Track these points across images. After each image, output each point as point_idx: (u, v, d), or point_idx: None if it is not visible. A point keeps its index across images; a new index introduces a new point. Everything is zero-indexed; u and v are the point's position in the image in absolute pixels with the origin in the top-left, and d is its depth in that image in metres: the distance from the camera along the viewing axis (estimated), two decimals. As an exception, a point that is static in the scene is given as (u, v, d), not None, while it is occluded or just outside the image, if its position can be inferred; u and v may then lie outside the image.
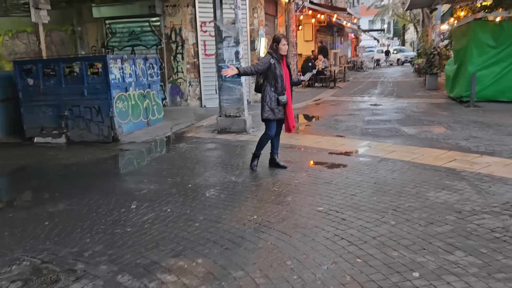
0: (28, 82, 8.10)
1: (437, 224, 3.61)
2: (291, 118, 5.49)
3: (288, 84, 5.47)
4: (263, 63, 5.32)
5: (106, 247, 3.41)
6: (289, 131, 5.57)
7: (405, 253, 3.12)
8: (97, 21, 11.97)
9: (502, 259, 2.95)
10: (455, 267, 2.88)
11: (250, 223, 3.79)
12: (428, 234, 3.41)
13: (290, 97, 5.50)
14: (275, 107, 5.35)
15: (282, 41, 5.31)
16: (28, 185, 5.59)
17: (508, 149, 6.08)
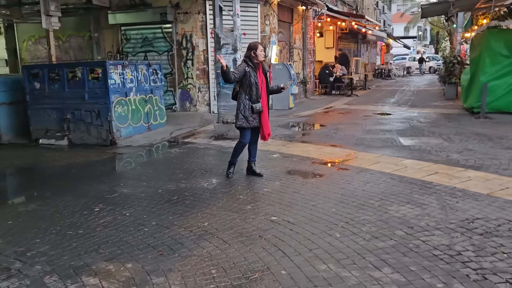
0: (35, 86, 8.49)
1: (381, 239, 3.52)
2: (266, 126, 5.48)
3: (264, 92, 5.47)
4: (239, 71, 5.35)
5: (50, 248, 3.54)
6: (264, 139, 5.56)
7: (333, 267, 3.06)
8: (113, 28, 12.38)
9: (427, 278, 2.85)
10: (375, 283, 2.80)
11: (197, 230, 3.82)
12: (366, 249, 3.33)
13: (265, 105, 5.49)
14: (249, 115, 5.36)
15: (259, 47, 5.33)
16: (12, 184, 5.85)
17: (498, 164, 5.82)
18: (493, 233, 3.57)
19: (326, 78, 16.99)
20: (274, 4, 12.59)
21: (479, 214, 4.01)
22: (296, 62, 15.26)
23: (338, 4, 19.69)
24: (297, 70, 15.39)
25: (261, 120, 5.45)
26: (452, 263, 3.06)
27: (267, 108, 5.54)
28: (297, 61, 15.43)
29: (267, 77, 5.60)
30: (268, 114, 5.55)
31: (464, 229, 3.67)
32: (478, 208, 4.16)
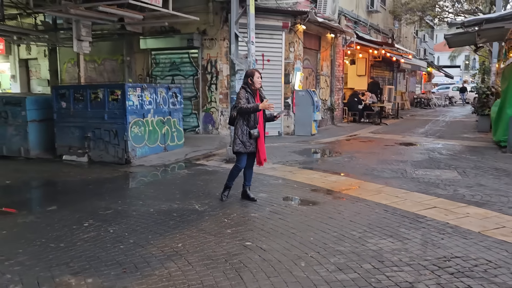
0: (62, 105, 9.02)
1: (345, 271, 3.44)
2: (262, 151, 5.53)
3: (261, 118, 5.54)
4: (244, 98, 5.40)
5: (28, 259, 3.73)
6: (260, 164, 5.60)
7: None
8: (144, 52, 13.00)
9: (373, 316, 2.75)
10: (317, 317, 2.75)
11: (168, 250, 3.90)
12: (325, 280, 3.27)
13: (262, 131, 5.55)
14: (247, 141, 5.43)
15: (256, 74, 5.44)
16: (23, 197, 6.20)
17: (505, 201, 5.53)
18: (465, 273, 3.40)
19: (355, 106, 16.84)
20: (299, 31, 12.77)
21: (460, 252, 3.83)
22: (323, 89, 15.27)
23: (371, 32, 19.61)
24: (324, 97, 15.39)
25: (258, 145, 5.50)
26: (409, 302, 2.95)
27: (264, 134, 5.60)
28: (324, 88, 15.43)
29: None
30: (264, 139, 5.61)
31: (436, 267, 3.52)
32: (462, 246, 3.98)
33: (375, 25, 20.13)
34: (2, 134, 9.45)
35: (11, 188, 6.69)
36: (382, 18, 21.57)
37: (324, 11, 13.35)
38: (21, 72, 16.33)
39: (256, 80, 5.43)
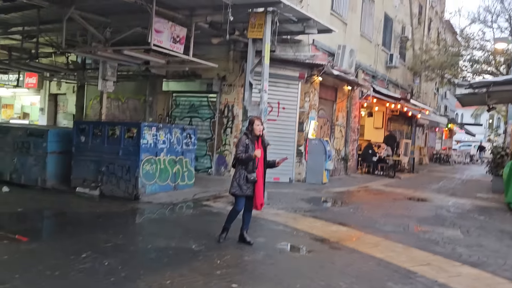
0: (81, 139, 9.46)
1: (322, 320, 3.49)
2: (259, 196, 5.68)
3: (261, 164, 5.73)
4: (242, 146, 5.65)
5: (23, 284, 3.96)
6: (256, 208, 5.74)
7: None
8: (166, 94, 13.61)
9: None
10: None
11: (156, 287, 4.03)
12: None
13: (261, 176, 5.72)
14: (244, 184, 5.61)
15: (256, 122, 5.70)
16: (32, 224, 6.49)
17: (501, 263, 5.48)
18: (442, 332, 3.41)
19: (369, 158, 16.90)
20: (315, 82, 13.18)
21: (443, 311, 3.83)
22: (337, 139, 15.47)
23: (389, 87, 19.96)
24: (338, 146, 15.57)
25: (255, 190, 5.67)
26: None
27: (263, 179, 5.77)
28: (339, 138, 15.63)
29: (266, 149, 5.88)
30: (263, 184, 5.77)
31: (414, 323, 3.53)
32: (446, 305, 3.97)
33: (393, 80, 20.50)
34: (22, 163, 9.92)
35: (22, 216, 7.01)
36: (402, 74, 21.97)
37: (341, 65, 13.79)
38: (49, 105, 17.22)
39: (256, 127, 5.68)
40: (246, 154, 5.51)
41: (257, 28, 8.67)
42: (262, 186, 5.77)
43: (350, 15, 15.26)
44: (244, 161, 5.52)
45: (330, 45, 13.80)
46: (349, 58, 13.94)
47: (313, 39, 12.78)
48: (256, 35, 8.73)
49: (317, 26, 9.98)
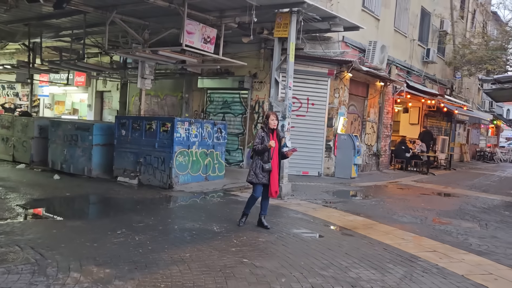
0: (122, 133, 10.32)
1: (316, 289, 3.96)
2: (274, 184, 6.17)
3: (275, 154, 6.21)
4: (259, 138, 6.18)
5: (67, 251, 4.65)
6: (272, 195, 6.24)
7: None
8: (201, 90, 14.34)
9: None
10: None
11: (177, 258, 4.64)
12: (295, 294, 3.82)
13: (276, 166, 6.21)
14: (260, 173, 6.13)
15: (271, 117, 6.20)
16: (77, 207, 7.32)
17: (510, 253, 5.67)
18: (424, 303, 3.78)
19: (402, 153, 16.88)
20: (345, 79, 13.43)
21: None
22: (368, 135, 15.61)
23: (426, 82, 19.72)
24: (369, 142, 15.71)
25: (270, 178, 6.17)
26: (359, 318, 3.42)
27: (277, 169, 6.26)
28: (370, 134, 15.76)
29: (280, 141, 6.36)
30: (278, 173, 6.27)
31: (399, 296, 3.92)
32: (436, 284, 4.31)
33: (431, 75, 20.22)
34: (71, 154, 10.93)
35: (70, 199, 7.89)
36: (440, 69, 21.60)
37: (372, 61, 13.95)
38: (96, 102, 18.49)
39: (271, 121, 6.18)
40: (262, 145, 6.01)
41: (283, 28, 9.12)
42: (277, 175, 6.26)
43: (383, 10, 15.31)
44: (260, 151, 6.03)
45: (361, 41, 13.97)
46: (380, 54, 14.05)
47: (343, 36, 13.04)
48: (281, 34, 9.19)
49: (343, 24, 10.30)
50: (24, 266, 4.13)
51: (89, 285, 3.76)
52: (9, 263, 4.19)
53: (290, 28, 8.96)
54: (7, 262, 4.20)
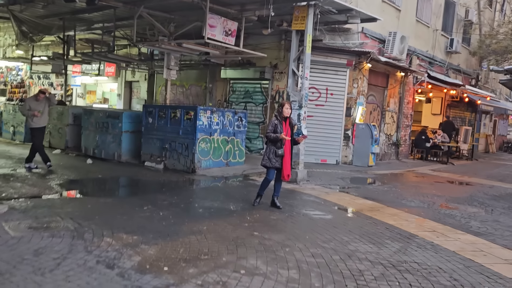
0: (149, 121, 11.04)
1: (316, 257, 4.48)
2: (286, 168, 6.68)
3: (288, 141, 6.72)
4: (272, 126, 6.71)
5: (100, 221, 5.33)
6: (284, 178, 6.76)
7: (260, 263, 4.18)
8: (224, 81, 14.92)
9: (315, 282, 3.79)
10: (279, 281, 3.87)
11: (195, 230, 5.25)
12: (290, 260, 4.35)
13: (288, 151, 6.71)
14: (273, 157, 6.66)
15: (286, 105, 6.69)
16: (109, 187, 8.06)
17: (507, 235, 6.03)
18: (411, 271, 4.25)
19: (422, 143, 17.03)
20: (364, 69, 13.71)
21: (421, 260, 4.64)
22: (388, 124, 15.85)
23: (449, 73, 19.64)
24: (389, 132, 15.96)
25: (283, 162, 6.69)
26: (348, 279, 3.93)
27: (289, 154, 6.75)
28: (390, 124, 15.99)
29: (293, 128, 6.85)
30: (290, 158, 6.77)
31: (391, 265, 4.40)
32: (427, 257, 4.76)
33: (454, 65, 20.12)
34: (103, 140, 11.75)
35: (101, 180, 8.66)
36: (465, 59, 21.42)
37: (392, 51, 14.15)
38: (125, 91, 19.37)
39: (284, 110, 6.67)
40: (274, 134, 6.53)
41: (300, 21, 9.54)
42: (289, 159, 6.76)
43: (404, 1, 15.41)
44: (272, 140, 6.56)
45: (381, 32, 14.19)
46: (400, 45, 14.24)
47: (362, 27, 13.29)
48: (299, 27, 9.61)
49: (360, 16, 10.63)
50: (65, 232, 4.82)
51: (120, 248, 4.41)
52: (53, 229, 4.90)
53: (307, 21, 9.37)
54: (51, 229, 4.91)
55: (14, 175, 8.29)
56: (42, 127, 9.57)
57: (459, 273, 4.31)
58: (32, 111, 9.21)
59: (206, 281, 3.72)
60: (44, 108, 9.46)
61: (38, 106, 9.33)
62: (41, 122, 9.45)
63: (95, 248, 4.35)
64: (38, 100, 9.43)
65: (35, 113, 9.21)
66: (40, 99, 9.45)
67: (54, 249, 4.25)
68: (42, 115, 9.42)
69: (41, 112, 9.33)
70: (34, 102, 9.43)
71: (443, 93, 19.12)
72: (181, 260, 4.19)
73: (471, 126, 23.07)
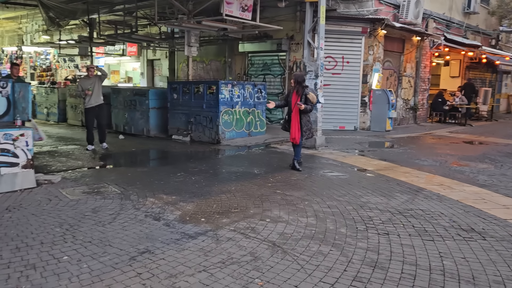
0: (174, 97, 11.73)
1: (331, 208, 5.12)
2: (292, 132, 7.37)
3: (295, 108, 7.27)
4: (284, 95, 7.39)
5: (142, 186, 6.09)
6: (292, 140, 7.45)
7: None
8: (242, 54, 15.40)
9: (331, 224, 4.45)
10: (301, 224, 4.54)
11: (225, 189, 5.96)
12: (308, 210, 5.01)
13: (294, 117, 7.31)
14: (285, 122, 7.43)
15: (292, 79, 7.34)
16: (143, 158, 8.86)
17: (510, 186, 6.49)
18: (415, 216, 4.85)
19: (439, 106, 17.25)
20: (380, 36, 13.95)
21: (425, 207, 5.22)
22: (405, 89, 16.12)
23: (467, 34, 19.50)
24: (406, 96, 16.24)
25: (290, 127, 7.36)
26: (359, 223, 4.57)
27: (296, 120, 7.31)
28: (407, 88, 16.25)
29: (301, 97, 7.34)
30: (297, 124, 7.31)
31: (398, 212, 5.01)
32: (431, 205, 5.34)
33: (473, 27, 19.94)
34: (132, 117, 12.54)
35: (136, 153, 9.47)
36: (484, 20, 21.14)
37: (406, 16, 14.29)
38: (148, 70, 20.08)
39: (292, 82, 7.40)
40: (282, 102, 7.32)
41: (313, -8, 9.90)
42: (296, 125, 7.33)
43: (419, -36, 15.35)
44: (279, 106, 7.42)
45: (396, -3, 14.32)
46: (414, 9, 14.34)
47: (376, -6, 13.47)
48: (312, -1, 9.98)
49: (372, -17, 10.87)
50: (113, 194, 5.61)
51: (162, 205, 5.16)
52: (103, 193, 5.69)
53: (320, -8, 9.72)
54: (101, 193, 5.70)
55: (57, 151, 9.16)
56: (92, 107, 9.46)
57: (458, 217, 4.89)
58: (84, 91, 9.29)
59: (237, 227, 4.43)
60: (94, 85, 9.37)
61: (88, 85, 9.34)
62: (92, 101, 9.40)
63: (141, 206, 5.11)
64: (89, 77, 9.50)
65: (86, 91, 9.21)
66: (91, 75, 9.51)
67: (108, 207, 5.03)
68: (93, 94, 9.35)
69: (90, 89, 9.27)
70: (84, 81, 9.49)
71: (461, 55, 19.08)
72: (215, 213, 4.91)
73: (492, 87, 22.95)
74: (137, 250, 3.79)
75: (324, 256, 3.74)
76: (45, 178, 6.28)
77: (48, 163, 7.79)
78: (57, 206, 5.06)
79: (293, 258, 3.68)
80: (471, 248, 3.98)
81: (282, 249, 3.87)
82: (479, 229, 4.49)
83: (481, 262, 3.67)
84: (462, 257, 3.77)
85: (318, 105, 10.24)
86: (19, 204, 5.11)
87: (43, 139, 7.97)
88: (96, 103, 9.54)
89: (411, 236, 4.24)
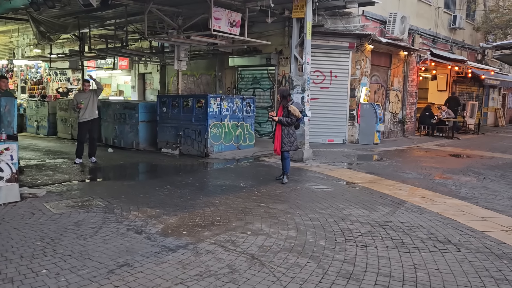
0: (163, 110, 11.81)
1: (313, 221, 5.20)
2: (275, 143, 7.55)
3: (278, 124, 7.48)
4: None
5: (126, 200, 6.13)
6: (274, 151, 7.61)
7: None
8: (232, 68, 15.57)
9: (310, 236, 4.52)
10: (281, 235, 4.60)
11: (209, 203, 6.01)
12: (290, 222, 5.08)
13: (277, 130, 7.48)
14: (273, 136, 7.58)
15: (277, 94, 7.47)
16: (130, 171, 8.88)
17: (491, 198, 6.65)
18: (394, 228, 4.94)
19: (427, 120, 17.49)
20: (367, 50, 14.19)
21: (405, 220, 5.32)
22: (393, 103, 16.35)
23: (454, 49, 19.89)
24: (394, 110, 16.47)
25: (274, 138, 7.52)
26: (338, 235, 4.64)
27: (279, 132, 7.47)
28: (394, 102, 16.49)
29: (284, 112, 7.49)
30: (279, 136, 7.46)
31: (377, 224, 5.10)
32: (411, 218, 5.43)
33: (459, 42, 20.36)
34: (121, 130, 12.59)
35: (124, 166, 9.50)
36: (469, 35, 21.60)
37: (393, 32, 14.58)
38: (139, 83, 20.19)
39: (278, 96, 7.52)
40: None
41: (300, 9, 10.12)
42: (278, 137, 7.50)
43: (405, -19, 15.75)
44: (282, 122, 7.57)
45: (382, 14, 14.62)
46: (400, 25, 14.66)
47: (363, 10, 13.75)
48: (299, 15, 10.19)
49: (357, 0, 11.14)
50: (97, 208, 5.64)
51: (145, 218, 5.21)
52: (87, 207, 5.72)
53: (306, 9, 9.94)
54: (85, 206, 5.73)
55: (45, 165, 9.17)
56: (86, 121, 9.42)
57: (437, 229, 4.98)
58: (77, 104, 9.24)
59: (218, 240, 4.48)
60: (88, 100, 9.34)
61: (82, 98, 9.31)
62: (86, 115, 9.37)
63: (124, 219, 5.15)
64: (85, 91, 9.50)
65: (78, 105, 9.19)
66: (86, 90, 9.48)
67: (91, 221, 5.07)
68: (88, 108, 9.33)
69: (83, 103, 9.22)
70: (79, 95, 9.49)
71: (448, 69, 19.44)
72: (197, 226, 4.96)
73: (479, 100, 23.33)
74: (116, 263, 3.83)
75: (301, 268, 3.80)
76: (30, 192, 6.30)
77: (35, 176, 7.81)
78: (40, 220, 5.08)
79: (270, 270, 3.74)
80: (446, 259, 4.06)
81: (260, 261, 3.93)
82: (455, 241, 4.59)
83: (453, 273, 3.75)
84: (436, 268, 3.86)
85: (305, 119, 10.37)
86: (1, 218, 5.13)
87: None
88: (90, 118, 9.58)
89: (388, 248, 4.32)
